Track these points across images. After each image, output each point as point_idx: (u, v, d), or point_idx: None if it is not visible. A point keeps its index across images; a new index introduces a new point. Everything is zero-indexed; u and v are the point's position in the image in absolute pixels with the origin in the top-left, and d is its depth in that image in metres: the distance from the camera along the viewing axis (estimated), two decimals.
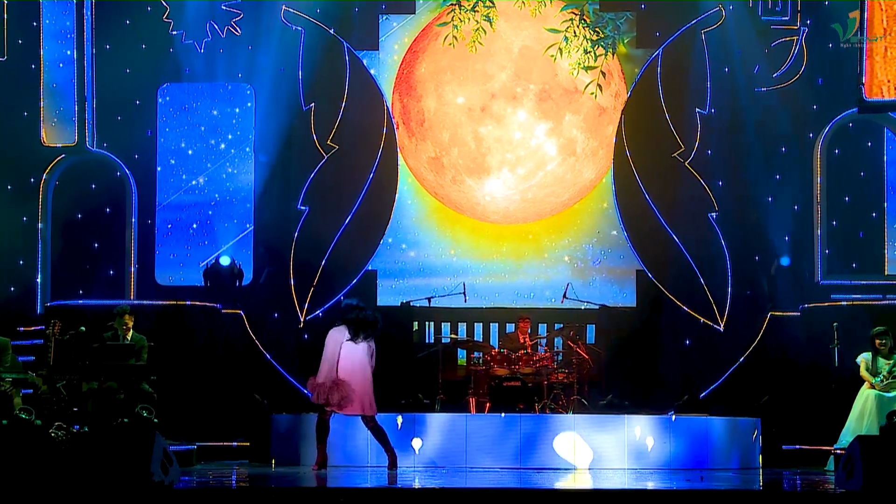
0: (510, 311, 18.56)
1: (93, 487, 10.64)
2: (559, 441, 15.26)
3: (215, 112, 19.02)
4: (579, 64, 18.34)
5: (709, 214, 18.73)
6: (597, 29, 18.58)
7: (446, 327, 18.71)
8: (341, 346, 13.71)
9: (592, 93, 18.31)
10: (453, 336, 18.36)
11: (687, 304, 18.64)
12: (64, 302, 17.54)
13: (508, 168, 18.90)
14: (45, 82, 18.58)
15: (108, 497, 10.60)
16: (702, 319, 18.64)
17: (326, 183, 18.73)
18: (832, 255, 18.76)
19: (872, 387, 15.57)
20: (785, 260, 18.61)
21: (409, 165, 19.16)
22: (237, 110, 19.02)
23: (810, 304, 17.96)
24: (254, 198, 18.85)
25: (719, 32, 18.79)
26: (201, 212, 18.94)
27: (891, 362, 15.55)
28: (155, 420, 14.46)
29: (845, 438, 15.22)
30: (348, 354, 13.70)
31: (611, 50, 18.53)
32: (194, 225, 18.93)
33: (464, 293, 18.18)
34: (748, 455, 16.18)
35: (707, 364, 18.48)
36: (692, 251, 18.69)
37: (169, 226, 18.90)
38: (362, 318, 13.77)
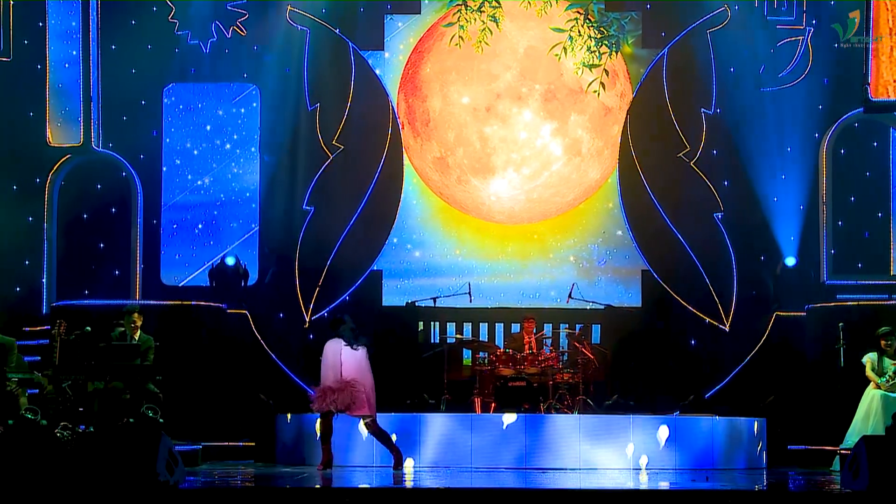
0: (515, 312, 18.56)
1: (98, 487, 10.65)
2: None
3: (221, 112, 19.03)
4: (583, 63, 18.33)
5: (714, 214, 18.72)
6: (601, 28, 18.56)
7: (451, 327, 18.71)
8: (341, 353, 14.04)
9: (595, 91, 18.26)
10: (458, 336, 18.36)
11: (692, 304, 18.63)
12: (69, 302, 17.55)
13: (514, 168, 18.90)
14: (51, 82, 18.60)
15: (114, 497, 10.61)
16: (707, 319, 18.63)
17: (332, 183, 18.74)
18: (838, 255, 18.74)
19: (878, 387, 15.56)
20: (790, 260, 18.60)
21: (415, 165, 19.16)
22: (242, 110, 19.03)
23: (816, 305, 17.94)
24: (259, 198, 18.86)
25: (725, 32, 18.78)
26: (207, 212, 18.94)
27: None
28: (160, 420, 14.47)
29: (851, 438, 15.20)
30: (350, 359, 14.05)
31: (615, 49, 18.51)
32: (200, 225, 18.94)
33: (469, 293, 18.19)
34: (753, 455, 16.16)
35: (712, 364, 18.47)
36: (698, 251, 18.68)
37: (174, 226, 18.90)
38: (354, 328, 14.21)
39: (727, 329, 18.58)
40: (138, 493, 10.63)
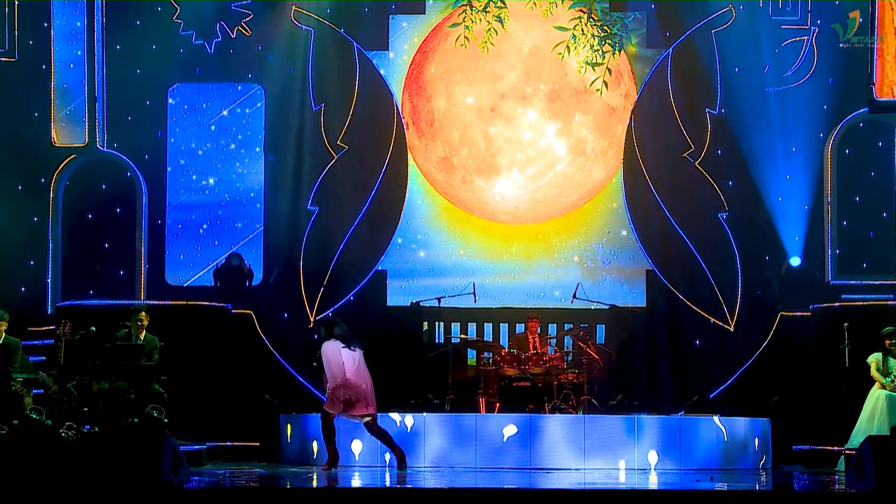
0: (520, 312, 18.56)
1: (103, 487, 10.65)
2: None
3: (225, 112, 19.04)
4: (587, 62, 18.31)
5: (719, 214, 18.71)
6: (605, 27, 18.53)
7: (456, 327, 18.71)
8: (341, 354, 14.10)
9: (598, 89, 18.19)
10: (463, 336, 18.35)
11: (697, 304, 18.62)
12: (74, 302, 17.57)
13: (518, 168, 18.90)
14: (56, 83, 18.61)
15: (119, 497, 10.61)
16: (712, 319, 18.62)
17: (336, 183, 18.74)
18: (842, 255, 18.73)
19: (883, 387, 15.55)
20: (795, 260, 18.59)
21: (419, 165, 19.16)
22: (247, 110, 19.03)
23: (821, 305, 17.93)
24: (264, 198, 18.86)
25: (729, 32, 18.76)
26: (211, 212, 18.95)
27: None
28: (165, 420, 14.48)
29: (856, 439, 15.19)
30: (349, 360, 14.12)
31: (619, 48, 18.48)
32: (204, 225, 18.94)
33: (473, 293, 18.19)
34: (758, 455, 16.15)
35: (717, 364, 18.46)
36: (702, 251, 18.68)
37: (179, 226, 18.91)
38: (347, 330, 14.30)
39: (732, 329, 18.57)
40: (143, 493, 10.63)
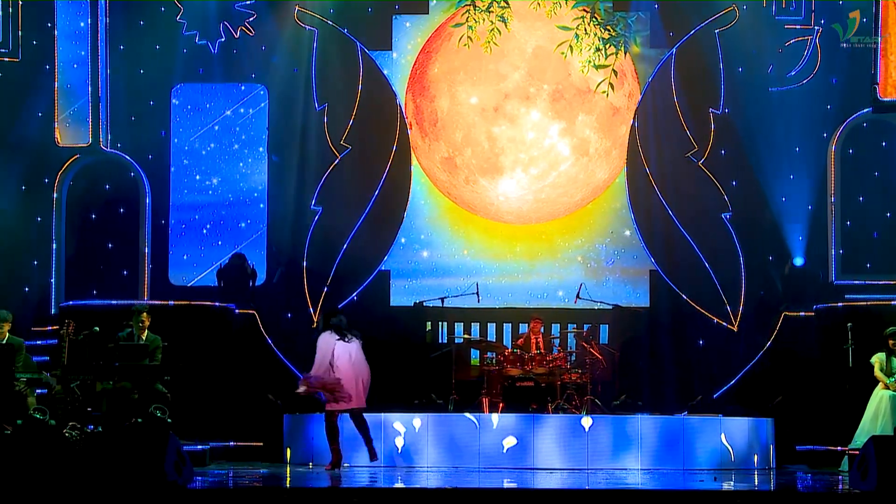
0: (523, 312, 18.56)
1: (107, 487, 10.66)
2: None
3: (229, 112, 19.04)
4: (590, 62, 18.32)
5: (722, 214, 18.71)
6: (608, 27, 18.55)
7: (459, 327, 18.71)
8: (335, 347, 14.15)
9: (604, 91, 18.28)
10: (466, 336, 18.36)
11: (700, 305, 18.62)
12: (78, 302, 17.58)
13: (522, 168, 18.89)
14: (60, 83, 18.62)
15: (123, 497, 10.62)
16: (715, 319, 18.62)
17: (340, 183, 18.75)
18: (846, 255, 18.72)
19: (887, 387, 15.54)
20: (799, 260, 18.58)
21: (423, 165, 19.16)
22: (251, 111, 19.04)
23: (824, 305, 17.92)
24: (267, 198, 18.87)
25: (733, 32, 18.76)
26: (215, 212, 18.96)
27: None
28: (169, 420, 14.48)
29: (860, 439, 15.19)
30: (342, 353, 14.15)
31: (622, 48, 18.50)
32: (208, 225, 18.95)
33: (477, 293, 18.19)
34: (762, 455, 16.14)
35: (721, 364, 18.46)
36: (706, 251, 18.67)
37: (182, 226, 18.92)
38: (344, 320, 14.37)
39: (735, 329, 18.56)
40: (146, 493, 10.64)
